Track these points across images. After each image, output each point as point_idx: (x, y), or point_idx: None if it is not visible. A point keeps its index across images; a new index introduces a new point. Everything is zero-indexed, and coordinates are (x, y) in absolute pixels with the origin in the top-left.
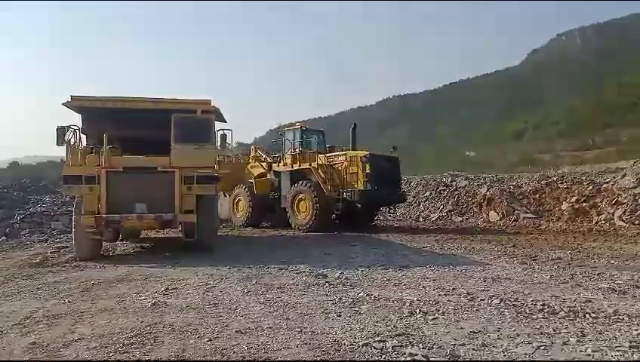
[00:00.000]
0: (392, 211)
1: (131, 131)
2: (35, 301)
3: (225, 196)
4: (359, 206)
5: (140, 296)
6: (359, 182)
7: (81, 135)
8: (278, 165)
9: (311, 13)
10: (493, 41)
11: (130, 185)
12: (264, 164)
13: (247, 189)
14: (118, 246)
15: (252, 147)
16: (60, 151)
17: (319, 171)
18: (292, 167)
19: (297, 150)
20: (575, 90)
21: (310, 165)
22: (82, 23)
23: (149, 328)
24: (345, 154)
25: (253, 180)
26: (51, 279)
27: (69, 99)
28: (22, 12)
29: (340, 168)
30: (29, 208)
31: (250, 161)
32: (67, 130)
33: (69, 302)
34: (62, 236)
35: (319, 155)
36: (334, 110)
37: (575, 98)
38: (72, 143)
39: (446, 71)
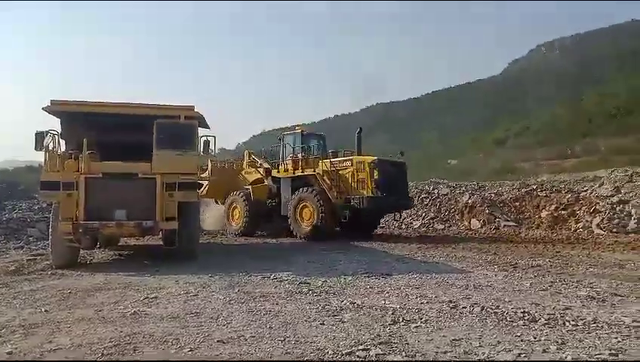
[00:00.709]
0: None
1: (112, 137)
2: (11, 310)
3: (217, 203)
4: (366, 213)
5: (119, 305)
6: (367, 188)
7: (61, 140)
8: (279, 171)
9: (300, 13)
10: (476, 50)
11: (110, 192)
12: (261, 170)
13: (243, 196)
14: (96, 253)
15: (245, 152)
16: (38, 156)
17: (324, 177)
18: (294, 173)
19: (300, 155)
20: (555, 99)
21: (314, 171)
22: (82, 22)
23: (128, 338)
24: (351, 159)
25: (250, 187)
26: (27, 287)
27: (49, 104)
28: None
29: (345, 174)
30: (4, 214)
31: (244, 166)
32: (46, 135)
33: (46, 311)
34: (38, 243)
35: (324, 161)
36: (318, 117)
37: (555, 107)
38: (50, 148)
39: (428, 79)
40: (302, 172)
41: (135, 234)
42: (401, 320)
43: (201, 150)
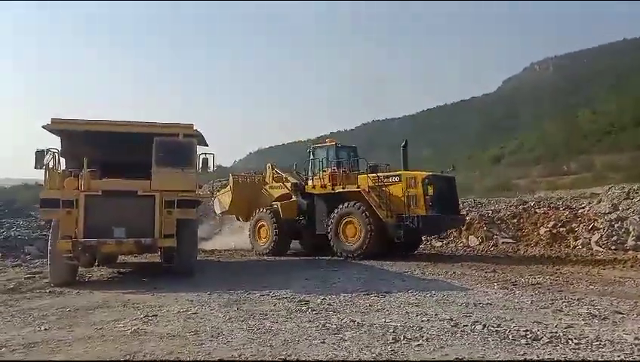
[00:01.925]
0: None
1: (112, 154)
2: (10, 328)
3: (238, 220)
4: (419, 233)
5: (119, 324)
6: (421, 206)
7: (61, 158)
8: (314, 186)
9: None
10: (470, 68)
11: (109, 209)
12: (288, 185)
13: (271, 213)
14: (95, 271)
15: (267, 165)
16: (35, 174)
17: (372, 194)
18: (333, 189)
19: (342, 170)
20: (549, 116)
21: (358, 187)
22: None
23: (128, 357)
24: (399, 175)
25: (278, 203)
26: (26, 305)
27: (49, 122)
28: None
29: (392, 191)
30: (2, 232)
31: (268, 180)
32: (46, 153)
33: (45, 329)
34: (36, 261)
35: (370, 176)
36: (315, 134)
37: (550, 124)
38: (50, 166)
39: (423, 97)
40: (343, 188)
41: (134, 251)
42: (402, 338)
43: (200, 168)
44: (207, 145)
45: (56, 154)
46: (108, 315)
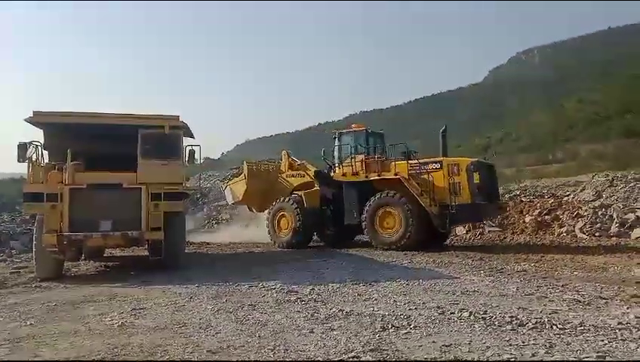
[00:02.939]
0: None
1: (96, 147)
2: None
3: (251, 211)
4: (461, 221)
5: (106, 317)
6: (465, 193)
7: (44, 151)
8: (344, 174)
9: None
10: (457, 58)
11: (95, 202)
12: (311, 173)
13: (293, 203)
14: (81, 265)
15: (283, 152)
16: (21, 168)
17: (412, 182)
18: (367, 177)
19: (376, 157)
20: (536, 106)
21: (396, 174)
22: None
23: (116, 350)
24: (440, 161)
25: (301, 192)
26: (12, 300)
27: (32, 115)
28: None
29: (429, 178)
30: None
31: (284, 169)
32: (29, 146)
33: (31, 324)
34: (21, 256)
35: (410, 162)
36: (301, 125)
37: (536, 114)
38: (33, 160)
39: (410, 87)
40: (378, 175)
41: (121, 244)
42: (390, 326)
43: (186, 160)
44: (193, 137)
45: (39, 147)
46: (95, 309)
